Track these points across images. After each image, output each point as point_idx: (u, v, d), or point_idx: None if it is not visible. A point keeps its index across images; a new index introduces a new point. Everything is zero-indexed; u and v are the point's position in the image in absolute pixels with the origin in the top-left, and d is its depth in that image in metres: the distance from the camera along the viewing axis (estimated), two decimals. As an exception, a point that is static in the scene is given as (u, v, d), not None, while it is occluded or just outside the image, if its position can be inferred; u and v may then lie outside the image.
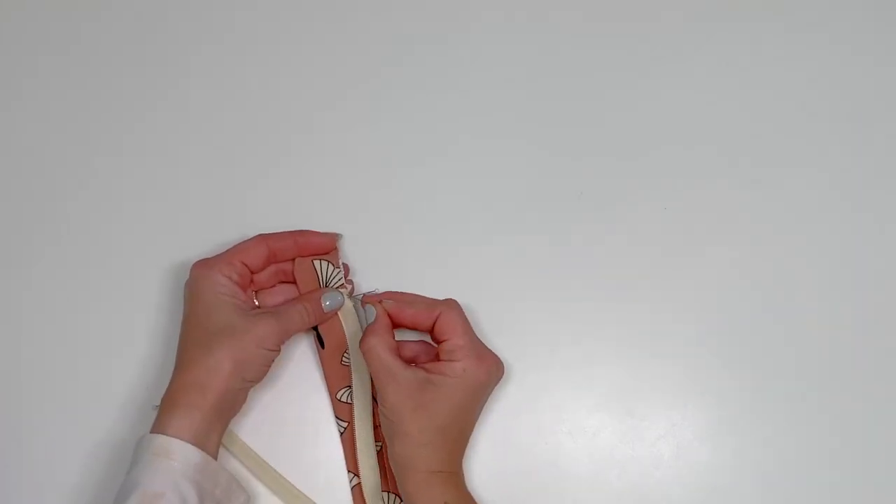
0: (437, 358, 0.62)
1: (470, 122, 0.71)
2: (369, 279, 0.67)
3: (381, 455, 0.65)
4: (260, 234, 0.65)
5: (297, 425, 0.66)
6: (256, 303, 0.65)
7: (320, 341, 0.66)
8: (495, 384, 0.63)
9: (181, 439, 0.57)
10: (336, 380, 0.66)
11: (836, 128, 0.70)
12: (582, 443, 0.66)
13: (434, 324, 0.62)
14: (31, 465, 0.66)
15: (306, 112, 0.71)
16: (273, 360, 0.62)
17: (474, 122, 0.71)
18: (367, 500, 0.64)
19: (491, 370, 0.62)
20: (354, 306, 0.66)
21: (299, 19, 0.73)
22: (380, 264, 0.68)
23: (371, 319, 0.62)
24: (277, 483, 0.65)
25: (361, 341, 0.61)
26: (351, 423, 0.65)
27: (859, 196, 0.69)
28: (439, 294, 0.66)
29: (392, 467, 0.61)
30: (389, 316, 0.63)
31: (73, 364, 0.68)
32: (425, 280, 0.68)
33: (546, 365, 0.67)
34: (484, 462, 0.66)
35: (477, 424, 0.65)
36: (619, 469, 0.65)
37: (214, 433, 0.60)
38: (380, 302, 0.63)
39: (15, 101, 0.72)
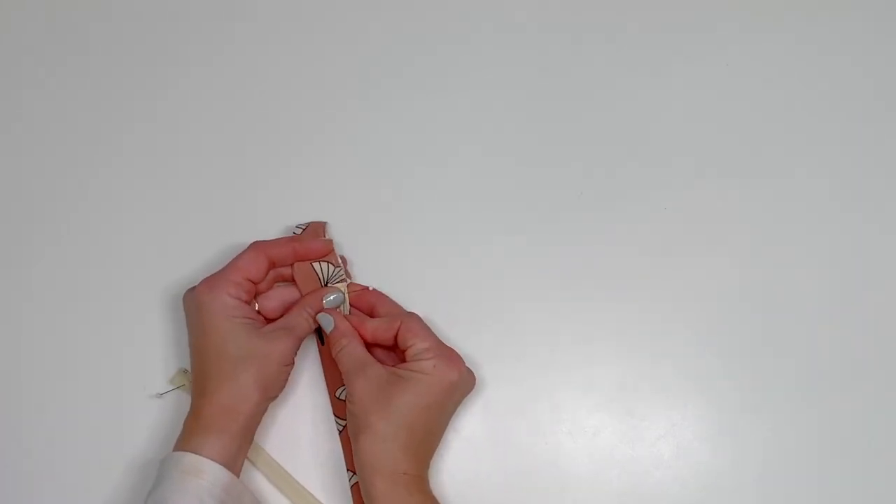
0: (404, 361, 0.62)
1: (471, 122, 0.71)
2: (369, 279, 0.67)
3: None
4: (256, 243, 0.64)
5: (297, 424, 0.66)
6: (257, 307, 0.65)
7: (320, 338, 0.66)
8: (466, 392, 0.63)
9: (213, 460, 0.58)
10: (335, 378, 0.65)
11: (838, 129, 0.70)
12: (582, 443, 0.66)
13: (396, 334, 0.62)
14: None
15: (306, 114, 0.71)
16: (290, 373, 0.63)
17: (475, 122, 0.71)
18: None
19: (462, 372, 0.61)
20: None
21: (296, 27, 0.73)
22: (379, 265, 0.68)
23: (330, 327, 0.63)
24: (301, 497, 0.65)
25: (332, 344, 0.62)
26: (349, 421, 0.65)
27: (860, 197, 0.69)
28: (439, 294, 0.66)
29: (357, 472, 0.60)
30: None
31: (71, 369, 0.68)
32: (425, 280, 0.68)
33: (546, 365, 0.67)
34: (484, 462, 0.65)
35: (478, 424, 0.65)
36: (619, 469, 0.65)
37: (242, 453, 0.61)
38: (338, 309, 0.64)
39: (14, 108, 0.72)
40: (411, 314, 0.63)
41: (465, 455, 0.65)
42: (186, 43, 0.73)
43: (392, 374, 0.60)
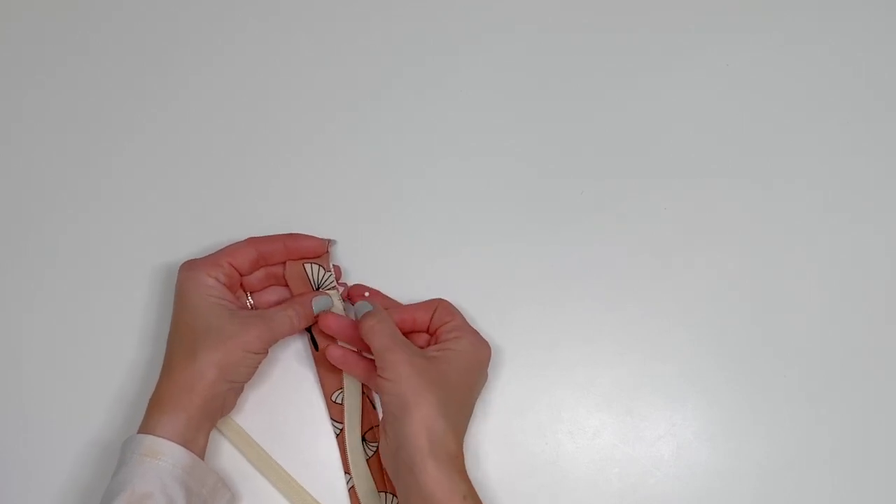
0: (436, 342, 0.62)
1: (470, 121, 0.71)
2: (369, 280, 0.67)
3: (376, 457, 0.64)
4: (250, 238, 0.64)
5: (297, 426, 0.66)
6: (251, 302, 0.65)
7: (314, 343, 0.65)
8: (486, 378, 0.64)
9: (170, 440, 0.58)
10: (330, 382, 0.65)
11: (839, 130, 0.70)
12: (582, 443, 0.66)
13: (432, 316, 0.63)
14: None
15: (304, 116, 0.71)
16: (260, 363, 0.62)
17: (475, 121, 0.71)
18: (361, 502, 0.64)
19: (490, 355, 0.62)
20: (346, 308, 0.65)
21: (295, 26, 0.73)
22: (378, 265, 0.68)
23: (367, 310, 0.62)
24: (272, 470, 0.64)
25: (362, 324, 0.60)
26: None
27: (861, 197, 0.69)
28: (438, 295, 0.66)
29: (394, 459, 0.58)
30: None
31: (61, 363, 0.67)
32: (426, 280, 0.67)
33: (546, 365, 0.67)
34: (484, 462, 0.65)
35: (478, 425, 0.65)
36: (619, 469, 0.65)
37: (202, 434, 0.60)
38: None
39: (10, 99, 0.72)
40: (443, 299, 0.64)
41: (464, 455, 0.65)
42: (187, 42, 0.73)
43: (433, 357, 0.60)
